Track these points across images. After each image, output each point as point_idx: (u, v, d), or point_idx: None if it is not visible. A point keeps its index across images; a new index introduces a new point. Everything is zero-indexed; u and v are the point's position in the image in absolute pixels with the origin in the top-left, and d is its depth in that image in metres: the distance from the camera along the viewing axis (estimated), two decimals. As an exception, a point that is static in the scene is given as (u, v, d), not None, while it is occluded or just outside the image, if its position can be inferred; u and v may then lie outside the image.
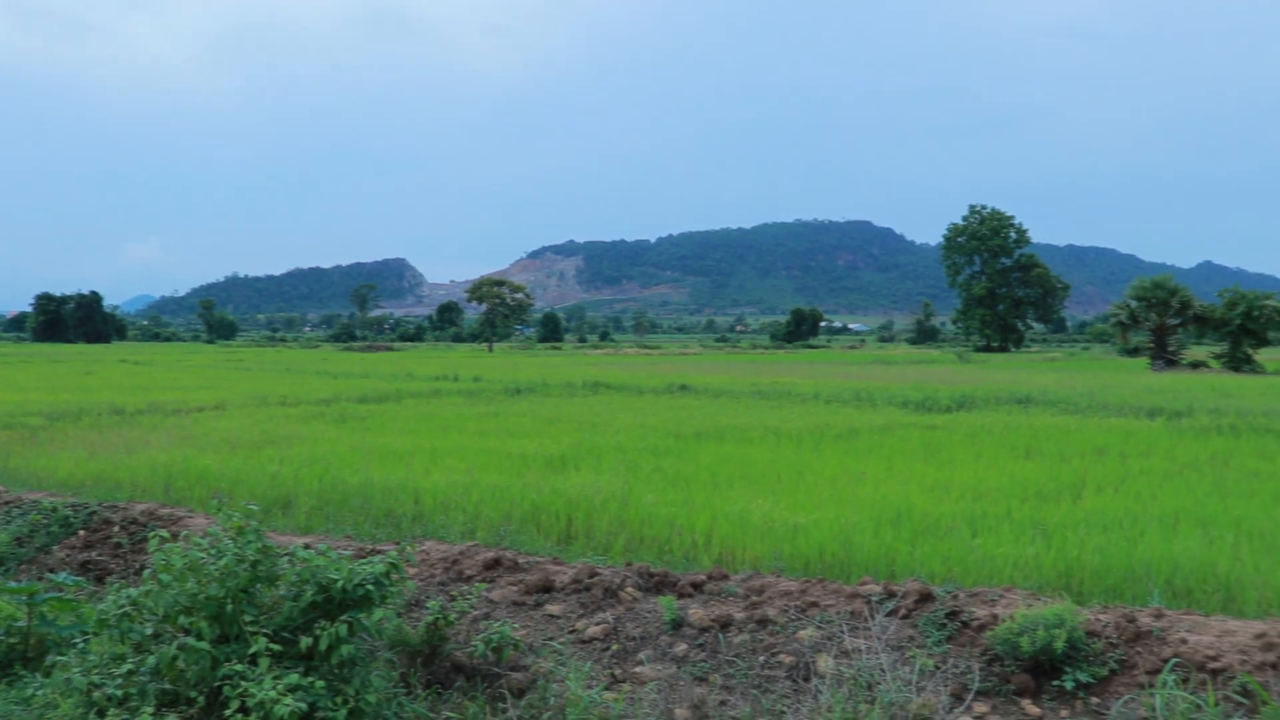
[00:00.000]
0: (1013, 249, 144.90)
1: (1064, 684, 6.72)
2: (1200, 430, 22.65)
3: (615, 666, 7.61)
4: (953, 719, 6.45)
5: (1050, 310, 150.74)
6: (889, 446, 19.52)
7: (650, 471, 15.97)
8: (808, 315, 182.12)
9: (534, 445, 19.38)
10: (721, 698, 7.04)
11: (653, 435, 21.54)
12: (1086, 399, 32.22)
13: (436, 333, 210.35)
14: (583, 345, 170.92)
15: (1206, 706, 5.82)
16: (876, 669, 6.71)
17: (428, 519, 12.82)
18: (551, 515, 12.70)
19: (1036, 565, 9.86)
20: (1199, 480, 15.20)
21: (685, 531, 11.54)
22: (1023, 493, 14.11)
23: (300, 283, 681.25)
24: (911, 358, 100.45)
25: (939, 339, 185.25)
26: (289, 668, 6.02)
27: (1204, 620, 7.23)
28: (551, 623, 8.32)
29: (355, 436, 21.42)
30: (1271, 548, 10.55)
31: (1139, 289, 77.85)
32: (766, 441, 20.37)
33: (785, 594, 8.14)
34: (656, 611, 8.11)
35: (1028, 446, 19.55)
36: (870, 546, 10.54)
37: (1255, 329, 70.88)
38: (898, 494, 13.62)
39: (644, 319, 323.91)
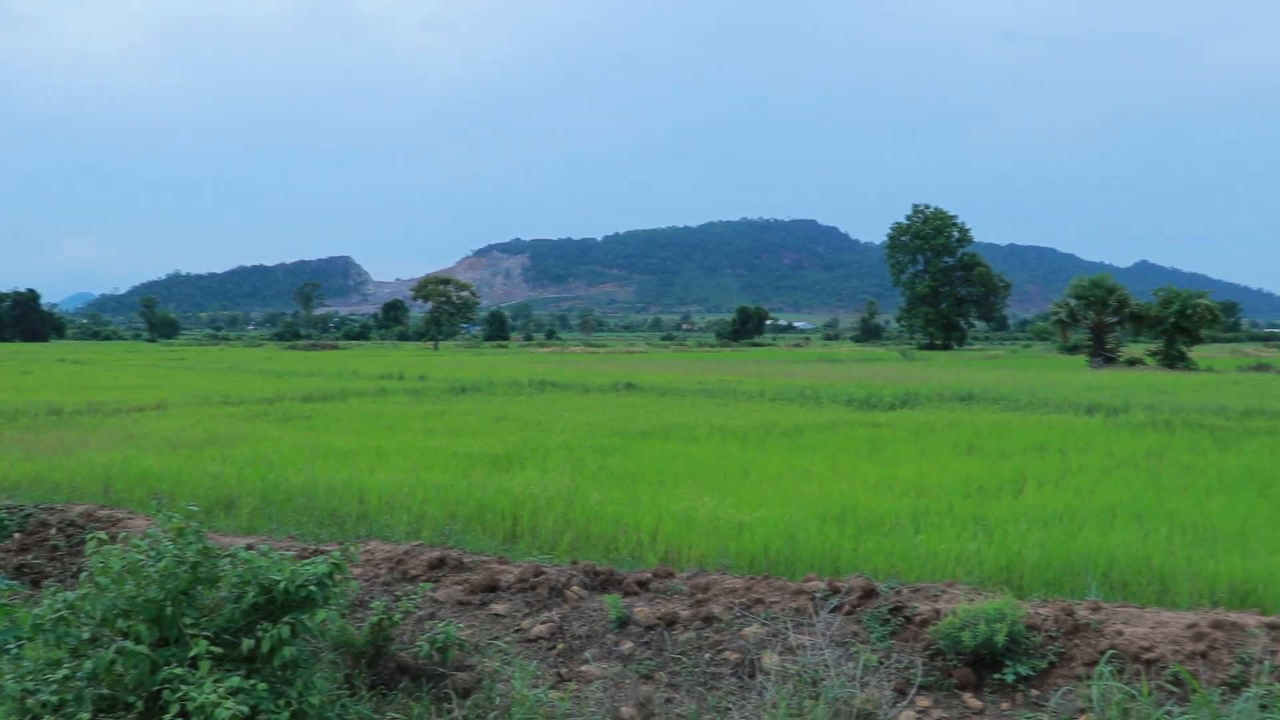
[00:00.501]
0: (955, 248, 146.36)
1: (1005, 677, 6.81)
2: (1136, 426, 23.04)
3: (561, 665, 7.59)
4: (896, 713, 6.50)
5: (992, 308, 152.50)
6: (834, 444, 19.65)
7: (596, 470, 15.96)
8: (753, 313, 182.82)
9: (479, 444, 19.30)
10: (667, 695, 7.04)
11: (599, 433, 21.52)
12: (1027, 396, 32.64)
13: (382, 331, 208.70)
14: (529, 344, 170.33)
15: (1140, 696, 5.91)
16: (821, 665, 6.74)
17: (372, 518, 12.73)
18: (497, 514, 12.65)
19: (978, 560, 9.97)
20: (1135, 475, 15.47)
21: (631, 530, 11.55)
22: (965, 489, 14.27)
23: (244, 281, 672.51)
24: (856, 355, 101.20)
25: (883, 337, 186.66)
26: (230, 670, 5.94)
27: (1139, 612, 7.35)
28: (497, 622, 8.29)
29: (299, 436, 21.21)
30: (1203, 540, 10.77)
31: (1078, 288, 79.00)
32: (712, 439, 20.43)
33: (730, 591, 8.17)
34: (602, 610, 8.10)
35: (970, 443, 19.77)
36: (815, 543, 10.60)
37: (1189, 327, 72.21)
38: (842, 491, 13.71)
39: (590, 317, 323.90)
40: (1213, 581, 9.21)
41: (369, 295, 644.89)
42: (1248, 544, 10.56)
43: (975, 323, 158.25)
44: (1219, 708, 5.76)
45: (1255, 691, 5.84)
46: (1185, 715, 5.75)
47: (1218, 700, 5.91)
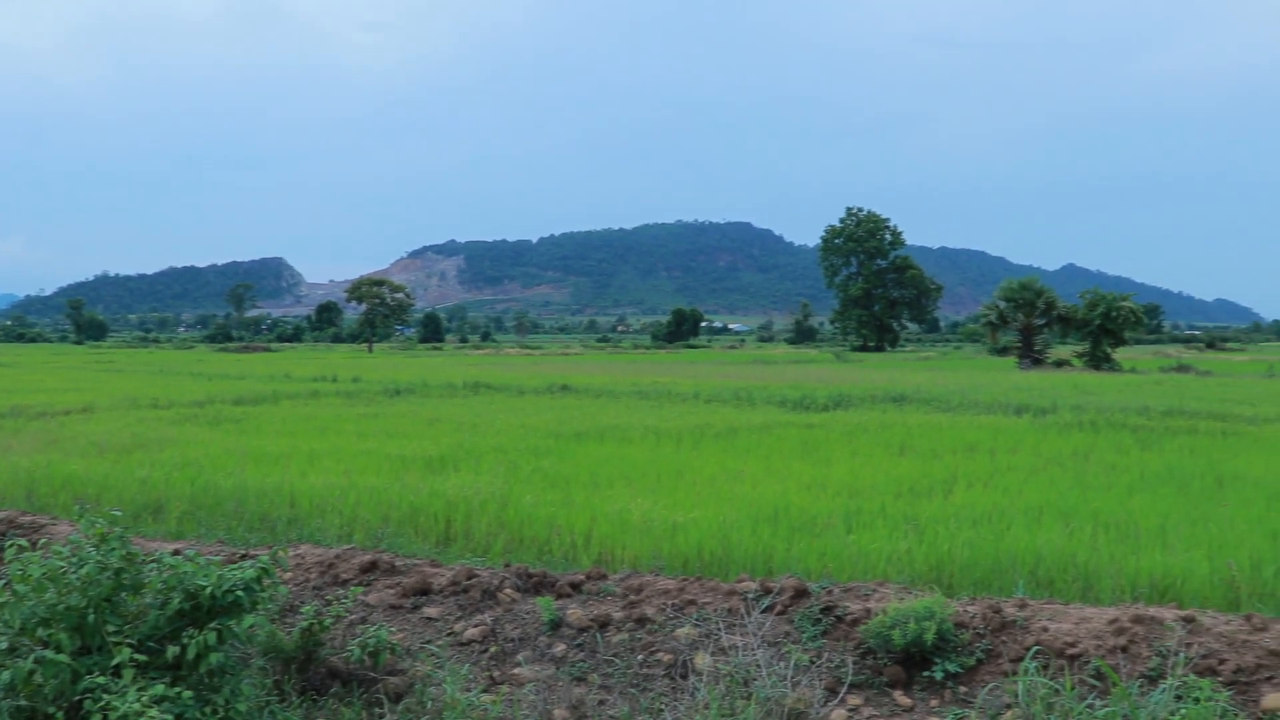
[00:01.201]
0: (888, 251, 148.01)
1: (934, 674, 6.90)
2: (1063, 426, 23.46)
3: (494, 668, 7.56)
4: (827, 712, 6.55)
5: (924, 310, 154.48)
6: (767, 445, 19.78)
7: (530, 472, 15.93)
8: (688, 315, 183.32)
9: (413, 446, 19.17)
10: (600, 697, 7.05)
11: (533, 435, 21.47)
12: (958, 397, 33.08)
13: (315, 333, 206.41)
14: (464, 345, 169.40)
15: (1064, 691, 6.02)
16: (753, 665, 6.78)
17: (303, 522, 12.60)
18: (430, 517, 12.58)
19: (909, 560, 10.08)
20: (1062, 474, 15.74)
21: (565, 532, 11.53)
22: (897, 489, 14.43)
23: (174, 282, 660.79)
24: (790, 357, 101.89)
25: (817, 339, 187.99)
26: (155, 678, 5.84)
27: (1063, 609, 7.49)
28: (429, 625, 8.24)
29: (230, 439, 20.91)
30: (1125, 537, 11.00)
31: (1007, 290, 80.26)
32: (647, 441, 20.47)
33: (664, 592, 8.19)
34: (535, 612, 8.09)
35: (902, 444, 19.99)
36: (748, 544, 10.65)
37: (1113, 329, 73.70)
38: (775, 492, 13.80)
39: (526, 319, 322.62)
40: (1134, 577, 9.40)
41: (302, 297, 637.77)
42: (1167, 540, 10.79)
43: (908, 325, 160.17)
44: (1137, 700, 5.88)
45: (1170, 683, 5.97)
46: (1106, 708, 5.86)
47: (1136, 693, 6.04)
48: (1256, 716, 5.92)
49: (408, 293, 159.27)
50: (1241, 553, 9.87)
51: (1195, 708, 5.69)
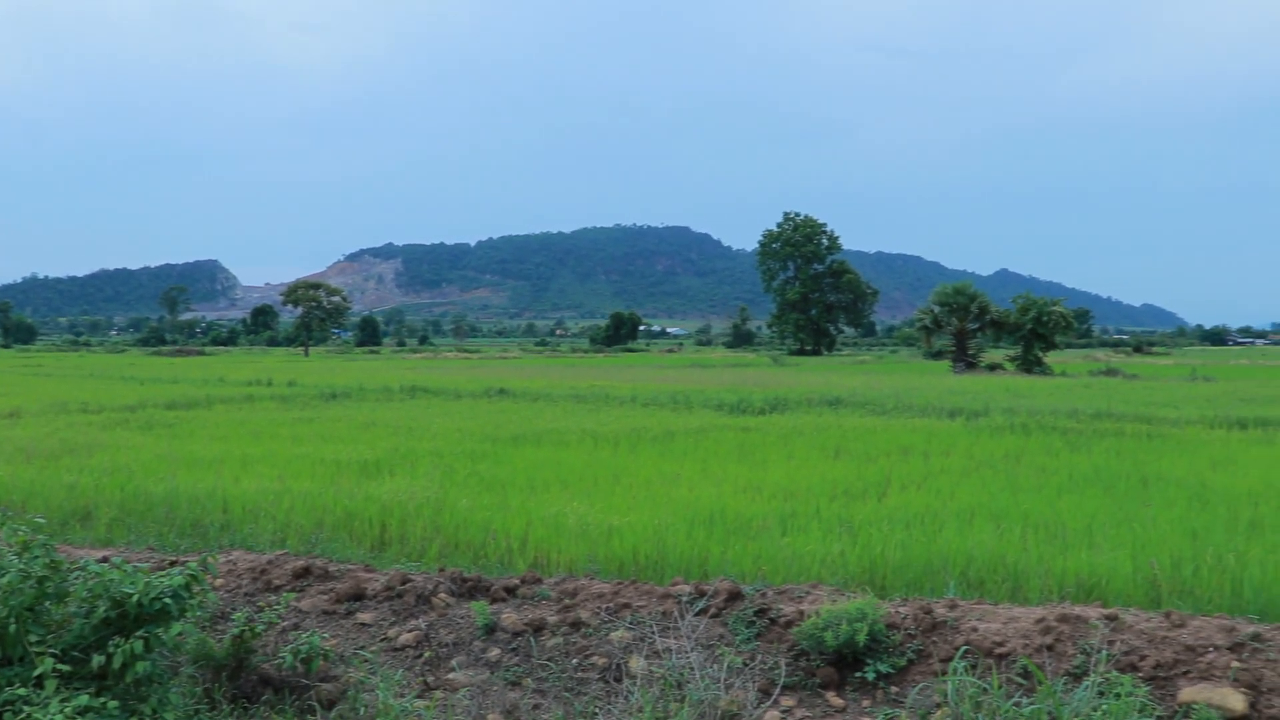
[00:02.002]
0: (825, 255, 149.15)
1: (866, 675, 6.97)
2: (996, 429, 23.81)
3: (428, 674, 7.53)
4: (760, 714, 6.60)
5: (860, 315, 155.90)
6: (704, 448, 19.87)
7: (466, 476, 15.89)
8: (627, 319, 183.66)
9: (348, 451, 19.03)
10: (535, 701, 7.05)
11: (470, 439, 21.41)
12: (893, 400, 33.43)
13: (250, 336, 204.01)
14: (401, 349, 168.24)
15: (991, 690, 6.12)
16: (686, 668, 6.82)
17: (236, 528, 12.47)
18: (365, 522, 12.51)
19: (842, 562, 10.18)
20: (993, 476, 15.98)
21: (500, 536, 11.51)
22: (832, 491, 14.56)
23: (106, 284, 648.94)
24: (728, 361, 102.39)
25: (755, 342, 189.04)
26: (79, 689, 5.75)
27: (993, 609, 7.61)
28: (363, 631, 8.18)
29: (162, 444, 20.60)
30: (1054, 537, 11.20)
31: (941, 295, 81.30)
32: (583, 445, 20.48)
33: (598, 596, 8.21)
34: (470, 617, 8.07)
35: (837, 447, 20.17)
36: (683, 547, 10.71)
37: (1044, 333, 74.97)
38: (711, 495, 13.87)
39: (463, 323, 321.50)
40: (1061, 577, 9.57)
41: (237, 300, 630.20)
42: (1094, 540, 11.00)
43: (844, 329, 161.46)
44: (1062, 697, 5.99)
45: (1094, 680, 6.10)
46: (1032, 706, 5.96)
47: (1061, 690, 6.16)
48: (1173, 710, 6.06)
49: (344, 296, 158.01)
50: (1163, 552, 10.10)
51: (1116, 703, 5.81)
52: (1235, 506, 13.05)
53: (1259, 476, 15.81)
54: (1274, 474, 16.10)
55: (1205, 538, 10.89)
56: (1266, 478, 15.66)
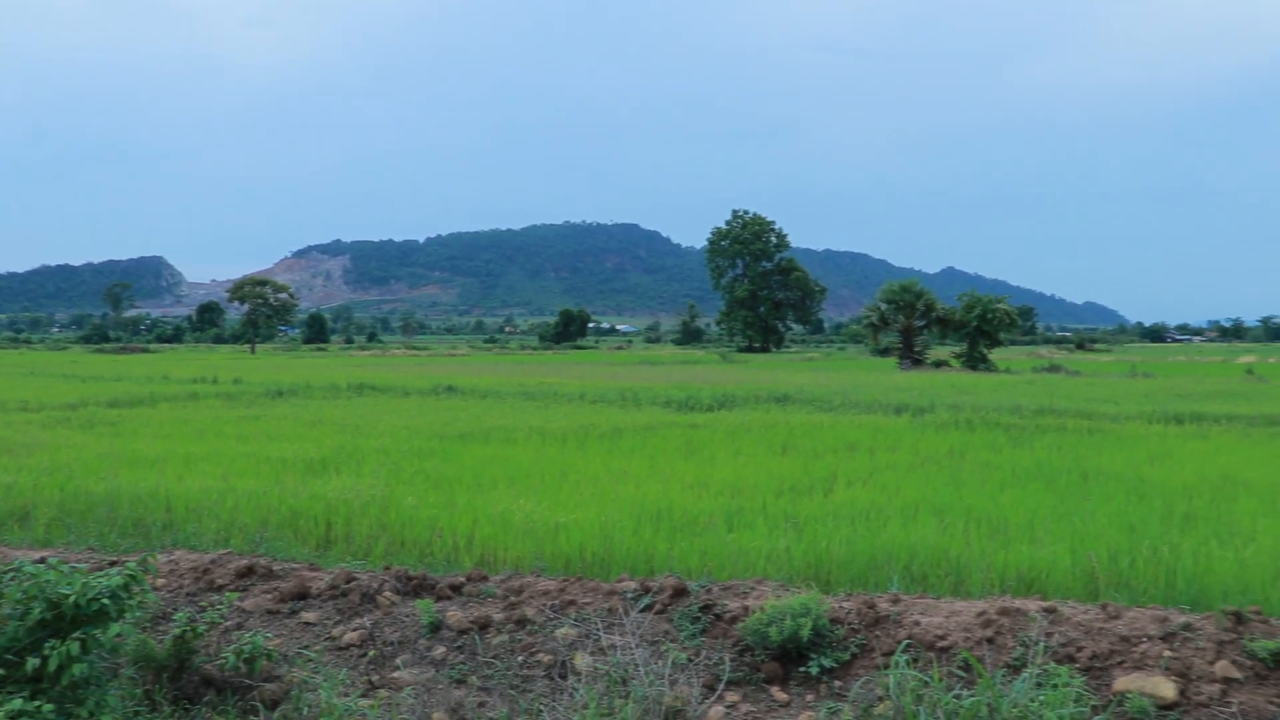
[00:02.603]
0: (773, 253, 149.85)
1: (810, 670, 7.03)
2: (940, 425, 24.04)
3: (372, 672, 7.50)
4: (705, 709, 6.64)
5: (809, 312, 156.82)
6: (652, 445, 19.90)
7: (413, 474, 15.81)
8: (576, 316, 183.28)
9: (294, 449, 18.86)
10: (480, 699, 7.04)
11: (417, 437, 21.30)
12: (840, 397, 33.65)
13: (196, 334, 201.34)
14: (349, 346, 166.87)
15: (933, 683, 6.19)
16: (631, 664, 6.84)
17: (179, 527, 12.33)
18: (310, 520, 12.42)
19: (788, 557, 10.24)
20: (938, 472, 16.14)
21: (447, 534, 11.49)
22: (778, 488, 14.64)
23: (47, 281, 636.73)
24: (676, 358, 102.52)
25: (704, 340, 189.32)
26: (13, 692, 5.67)
27: (935, 603, 7.71)
28: (307, 630, 8.14)
29: (104, 443, 20.30)
30: (996, 532, 11.35)
31: (888, 292, 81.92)
32: (531, 442, 20.44)
33: (544, 593, 8.22)
34: (415, 615, 8.05)
35: (784, 443, 20.27)
36: (630, 544, 10.73)
37: (989, 330, 75.83)
38: (658, 492, 13.90)
39: (412, 320, 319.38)
40: (1003, 571, 9.70)
41: (183, 297, 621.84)
42: (1035, 534, 11.16)
43: (792, 326, 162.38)
44: (1001, 689, 6.08)
45: (1032, 671, 6.20)
46: (971, 697, 6.04)
47: (1000, 681, 6.25)
48: (1108, 699, 6.18)
49: (292, 293, 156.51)
50: (1101, 545, 10.27)
51: (1053, 693, 5.91)
52: (1171, 500, 13.29)
53: (1194, 470, 16.11)
54: (1208, 468, 16.42)
55: (1142, 531, 11.10)
56: (1200, 472, 15.96)
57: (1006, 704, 5.89)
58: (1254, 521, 11.80)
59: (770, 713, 6.77)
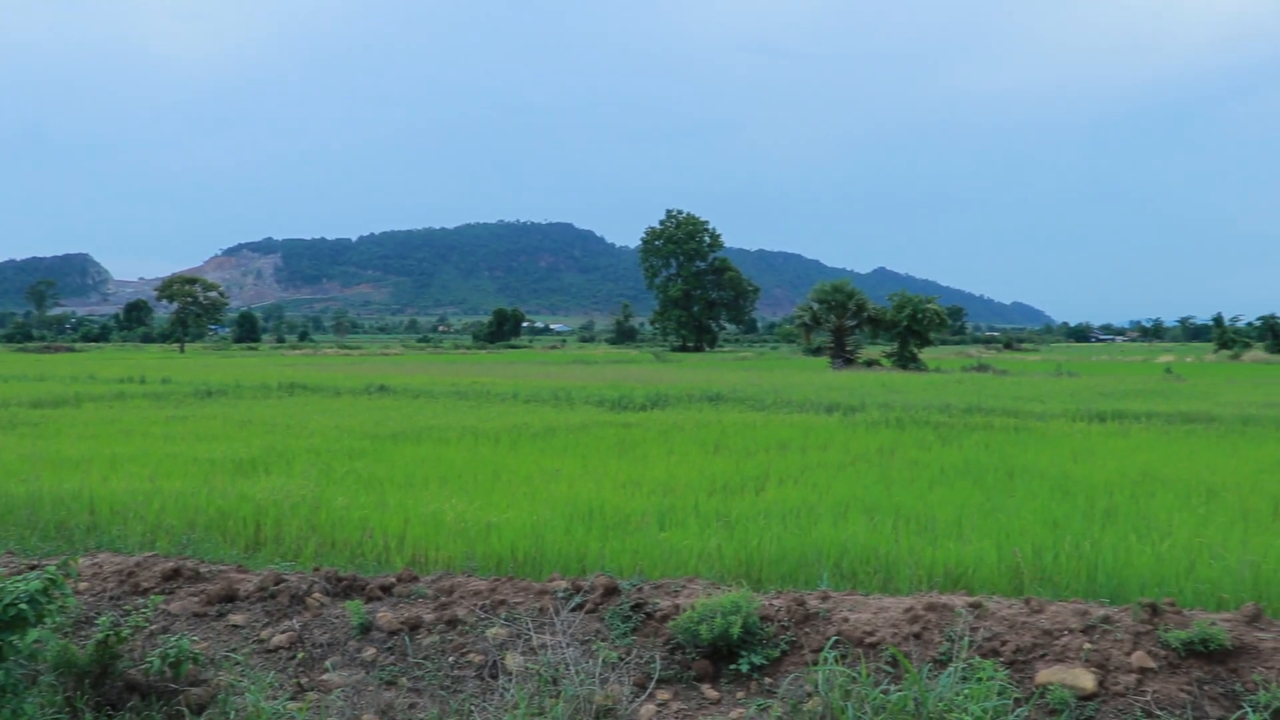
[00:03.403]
0: (707, 253, 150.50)
1: (740, 667, 7.07)
2: (871, 424, 24.31)
3: (301, 675, 7.43)
4: (636, 707, 6.66)
5: (742, 311, 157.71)
6: (585, 444, 19.92)
7: (344, 474, 15.70)
8: (510, 316, 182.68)
9: (223, 449, 18.64)
10: (411, 700, 7.01)
11: (349, 437, 21.15)
12: (772, 396, 33.90)
13: (124, 333, 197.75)
14: (281, 346, 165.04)
15: (860, 678, 6.28)
16: (562, 664, 6.85)
17: (103, 529, 12.13)
18: (239, 521, 12.30)
19: (719, 556, 10.31)
20: (868, 470, 16.32)
21: (378, 534, 11.43)
22: (710, 486, 14.73)
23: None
24: (611, 357, 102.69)
25: (638, 339, 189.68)
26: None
27: (864, 599, 7.79)
28: (235, 633, 8.03)
29: (25, 444, 19.89)
30: (924, 529, 11.51)
31: (820, 292, 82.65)
32: (464, 441, 20.37)
33: (475, 593, 8.19)
34: (345, 617, 7.98)
35: (717, 442, 20.38)
36: (562, 543, 10.74)
37: (919, 330, 76.84)
38: (591, 491, 13.92)
39: (344, 319, 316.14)
40: (931, 567, 9.85)
41: (110, 295, 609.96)
42: (962, 531, 11.34)
43: (726, 325, 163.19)
44: (927, 683, 6.18)
45: (957, 666, 6.30)
46: (899, 692, 6.13)
47: (926, 676, 6.34)
48: (1030, 691, 6.30)
49: (222, 291, 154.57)
50: (1026, 541, 10.46)
51: (978, 687, 6.01)
52: (1093, 496, 13.58)
53: (1115, 467, 16.47)
54: (1128, 465, 16.80)
55: (1065, 526, 11.33)
56: (1121, 468, 16.32)
57: (932, 698, 5.98)
58: (1170, 516, 12.10)
59: (701, 710, 6.80)
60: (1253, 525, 11.75)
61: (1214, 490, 14.20)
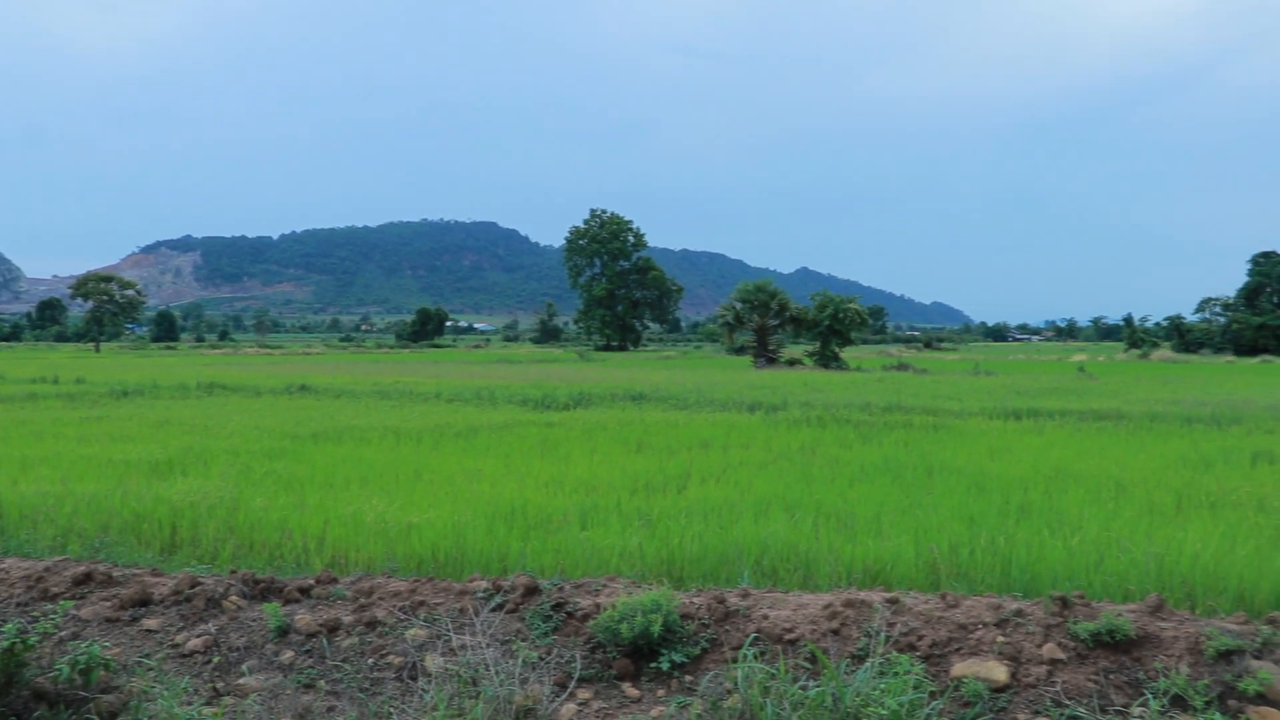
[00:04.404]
0: (631, 252, 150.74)
1: (660, 665, 7.11)
2: (793, 422, 24.52)
3: (217, 680, 7.32)
4: (556, 707, 6.66)
5: (666, 311, 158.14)
6: (507, 444, 19.86)
7: (263, 475, 15.50)
8: (433, 315, 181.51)
9: (139, 450, 18.30)
10: (329, 703, 6.94)
11: (268, 437, 20.88)
12: (695, 395, 34.05)
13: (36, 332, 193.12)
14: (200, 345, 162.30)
15: (779, 675, 6.34)
16: (482, 664, 6.82)
17: (11, 534, 11.82)
18: (154, 524, 12.08)
19: (640, 554, 10.34)
20: (789, 468, 16.46)
21: (297, 535, 11.29)
22: (633, 485, 14.76)
23: None
24: (535, 357, 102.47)
25: (562, 338, 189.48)
26: None
27: (783, 596, 7.87)
28: (149, 638, 7.89)
29: (-72, 447, 19.35)
30: (844, 526, 11.64)
31: (743, 292, 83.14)
32: (385, 441, 20.21)
33: (395, 594, 8.13)
34: (262, 620, 7.88)
35: (639, 441, 20.43)
36: (483, 543, 10.70)
37: (841, 329, 77.66)
38: (513, 491, 13.89)
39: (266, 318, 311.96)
40: (850, 564, 9.96)
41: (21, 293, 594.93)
42: (881, 527, 11.49)
43: (650, 324, 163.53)
44: (845, 679, 6.25)
45: (874, 661, 6.39)
46: (817, 688, 6.20)
47: (844, 671, 6.42)
48: (946, 684, 6.42)
49: (139, 290, 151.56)
50: (943, 537, 10.63)
51: (894, 681, 6.10)
52: (1008, 492, 13.83)
53: (1030, 464, 16.80)
54: (1042, 461, 17.14)
55: (981, 523, 11.53)
56: (1035, 465, 16.65)
57: (850, 693, 6.06)
58: (1081, 511, 12.39)
59: (622, 709, 6.82)
60: (1158, 519, 12.08)
61: (1123, 485, 14.57)
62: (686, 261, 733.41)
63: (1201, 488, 14.37)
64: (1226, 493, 13.94)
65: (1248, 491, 13.98)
